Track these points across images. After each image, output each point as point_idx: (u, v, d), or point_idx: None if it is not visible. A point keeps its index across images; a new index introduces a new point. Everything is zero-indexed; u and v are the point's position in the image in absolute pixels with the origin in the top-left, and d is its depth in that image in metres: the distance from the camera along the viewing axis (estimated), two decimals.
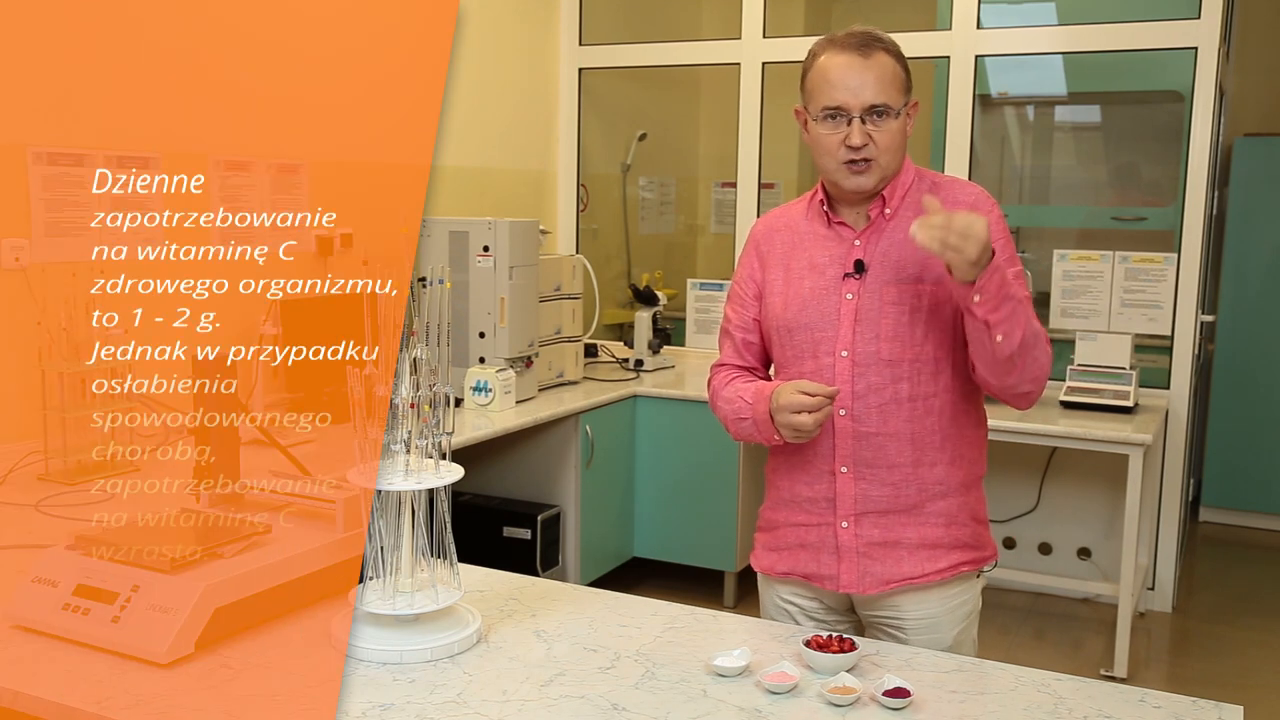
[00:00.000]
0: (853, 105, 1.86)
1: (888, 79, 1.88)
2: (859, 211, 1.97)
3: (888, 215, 1.94)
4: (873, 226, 1.95)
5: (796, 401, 1.84)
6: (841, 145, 1.88)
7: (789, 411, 1.85)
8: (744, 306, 2.08)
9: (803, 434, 1.87)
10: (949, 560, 1.96)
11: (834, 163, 1.91)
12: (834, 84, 1.88)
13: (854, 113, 1.86)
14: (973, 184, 2.01)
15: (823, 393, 1.84)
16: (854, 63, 1.87)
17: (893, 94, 1.88)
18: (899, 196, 1.95)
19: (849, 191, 1.93)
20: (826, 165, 1.93)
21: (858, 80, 1.86)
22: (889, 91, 1.88)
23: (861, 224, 1.96)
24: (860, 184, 1.90)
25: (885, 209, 1.94)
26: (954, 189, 1.97)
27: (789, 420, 1.85)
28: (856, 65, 1.87)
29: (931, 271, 1.89)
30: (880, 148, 1.88)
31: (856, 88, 1.86)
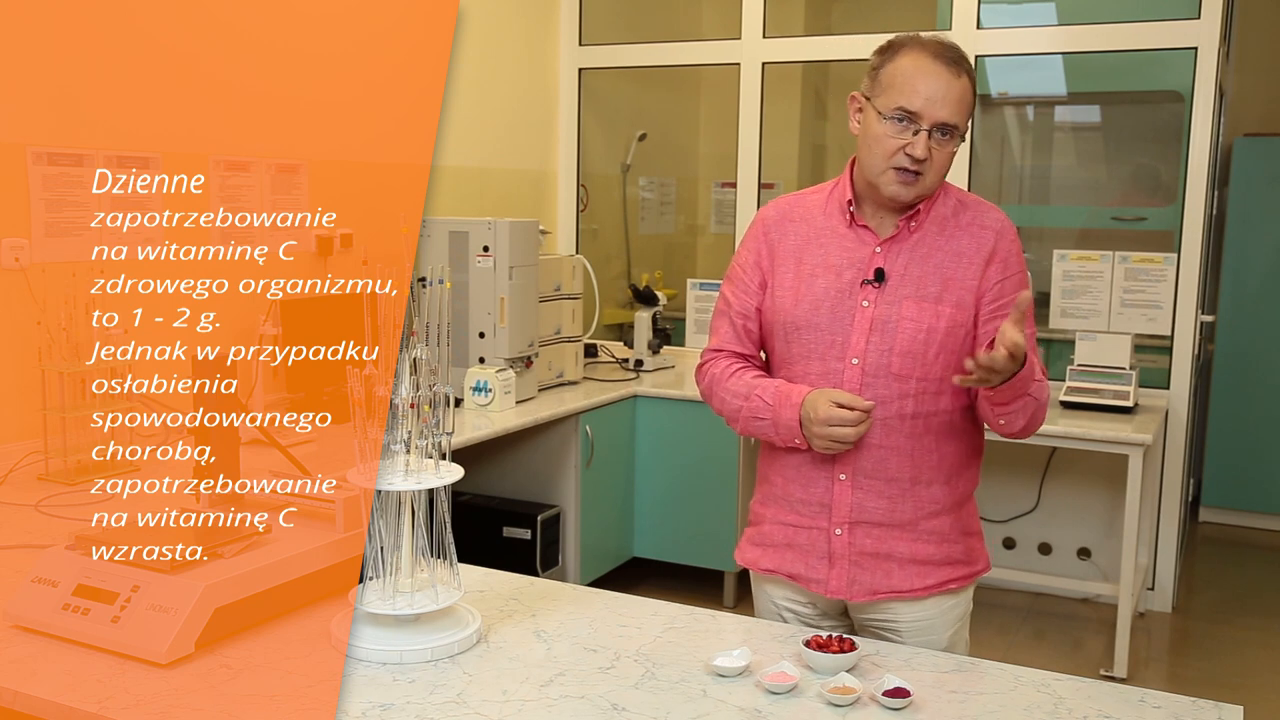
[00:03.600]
0: (927, 115, 1.83)
1: (966, 102, 1.87)
2: (885, 218, 1.94)
3: (913, 228, 1.93)
4: (897, 236, 1.93)
5: (837, 415, 1.83)
6: (901, 151, 1.85)
7: (827, 424, 1.84)
8: (746, 293, 2.03)
9: (838, 446, 1.87)
10: (938, 577, 1.96)
11: (884, 164, 1.87)
12: (916, 88, 1.84)
13: (925, 124, 1.84)
14: (995, 208, 2.00)
15: (860, 407, 1.83)
16: (943, 74, 1.84)
17: (963, 117, 1.87)
18: (926, 211, 1.93)
19: (885, 198, 1.90)
20: (874, 165, 1.88)
21: (942, 93, 1.83)
22: (962, 114, 1.87)
23: (886, 231, 1.93)
24: (901, 194, 1.88)
25: (913, 221, 1.93)
26: (980, 212, 1.97)
27: (827, 433, 1.84)
28: (945, 78, 1.84)
29: (952, 294, 1.89)
30: (934, 165, 1.86)
31: (939, 100, 1.83)
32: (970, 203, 1.98)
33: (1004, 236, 1.94)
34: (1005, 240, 1.94)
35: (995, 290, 1.91)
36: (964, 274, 1.90)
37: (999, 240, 1.93)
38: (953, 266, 1.91)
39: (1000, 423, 1.88)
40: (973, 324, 1.91)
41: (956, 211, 1.95)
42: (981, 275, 1.91)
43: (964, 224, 1.94)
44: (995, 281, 1.91)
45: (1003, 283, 1.91)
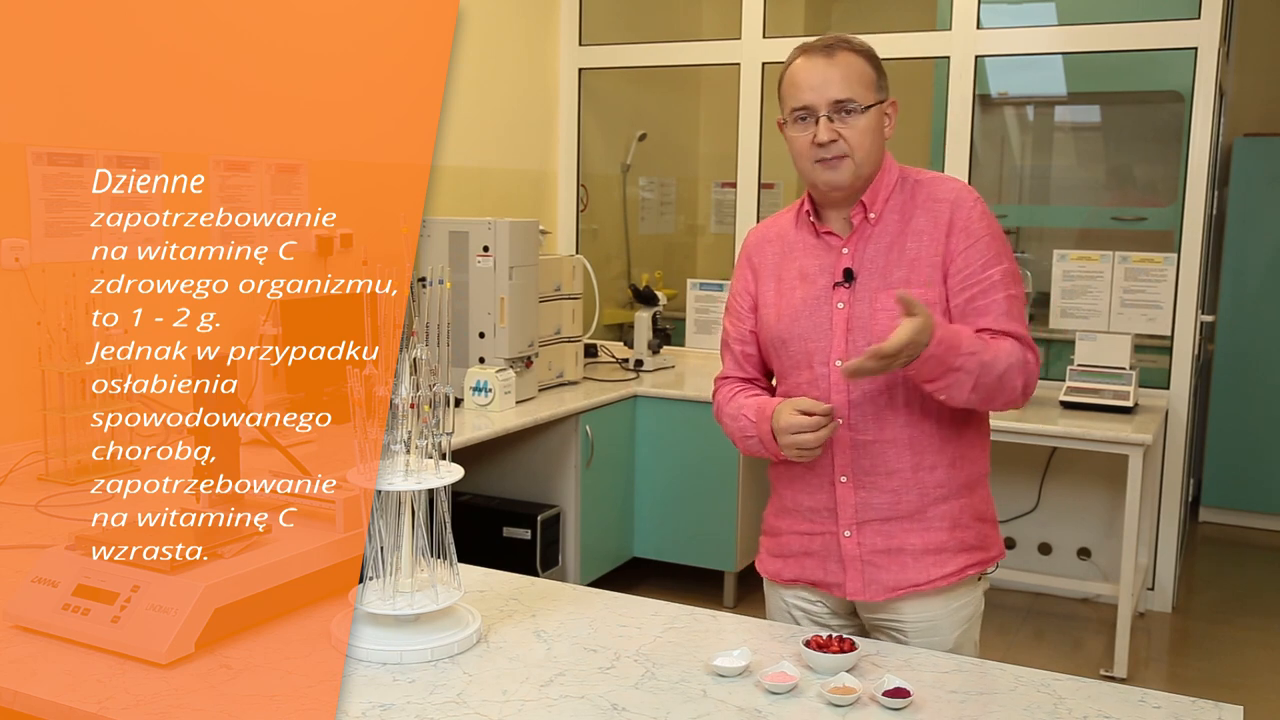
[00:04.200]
0: (818, 103, 1.88)
1: (854, 76, 1.89)
2: (844, 218, 1.96)
3: (872, 220, 1.93)
4: (858, 233, 1.94)
5: (796, 423, 1.85)
6: (811, 144, 1.89)
7: (789, 433, 1.86)
8: (740, 319, 2.08)
9: (807, 453, 1.87)
10: (955, 564, 1.95)
11: (807, 163, 1.91)
12: (799, 85, 1.90)
13: (820, 110, 1.88)
14: (952, 179, 1.99)
15: (819, 411, 1.84)
16: (818, 63, 1.89)
17: (858, 90, 1.88)
18: (882, 200, 1.94)
19: (825, 189, 1.92)
20: (803, 168, 1.94)
21: (821, 78, 1.88)
22: (854, 87, 1.88)
23: (848, 231, 1.95)
24: (832, 179, 1.90)
25: (869, 214, 1.93)
26: (934, 186, 1.96)
27: (791, 441, 1.86)
28: (820, 65, 1.89)
29: (920, 275, 1.90)
30: (851, 144, 1.88)
31: (820, 85, 1.88)
32: (926, 180, 1.97)
33: (960, 205, 1.92)
34: (963, 209, 1.91)
35: (960, 260, 1.89)
36: (926, 251, 1.90)
37: (955, 210, 1.91)
38: (915, 247, 1.91)
39: (941, 398, 1.85)
40: (945, 300, 1.90)
41: (914, 192, 1.95)
42: (944, 248, 1.90)
43: (920, 202, 1.94)
44: (959, 251, 1.89)
45: (968, 250, 1.89)
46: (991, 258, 1.90)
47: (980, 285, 1.89)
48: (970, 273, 1.89)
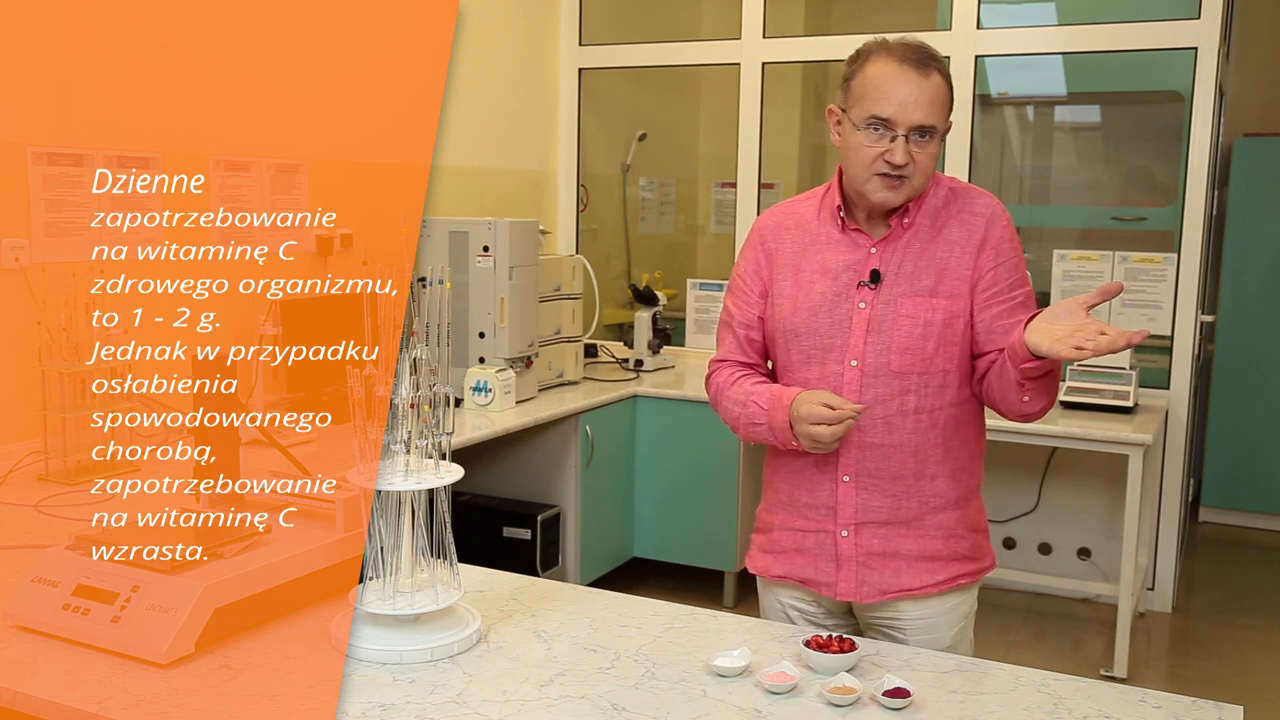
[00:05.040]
0: (901, 122, 1.82)
1: (940, 100, 1.84)
2: (877, 220, 1.94)
3: (906, 225, 1.93)
4: (890, 236, 1.93)
5: (817, 414, 1.83)
6: (880, 159, 1.84)
7: (808, 422, 1.85)
8: (748, 303, 2.04)
9: (820, 446, 1.87)
10: (947, 573, 1.96)
11: (867, 173, 1.86)
12: (887, 95, 1.82)
13: (900, 130, 1.82)
14: (988, 194, 1.98)
15: (847, 408, 1.83)
16: (910, 78, 1.82)
17: (940, 116, 1.85)
18: (919, 208, 1.93)
19: (874, 204, 1.90)
20: (858, 174, 1.88)
21: (912, 97, 1.82)
22: (938, 114, 1.85)
23: (879, 232, 1.94)
24: (889, 199, 1.88)
25: (905, 219, 1.92)
26: (970, 199, 1.95)
27: (807, 430, 1.85)
28: (912, 81, 1.82)
29: (946, 285, 1.89)
30: (918, 167, 1.85)
31: (909, 104, 1.81)
32: (961, 190, 1.97)
33: (995, 222, 1.92)
34: (997, 226, 1.92)
35: (989, 277, 1.90)
36: (957, 263, 1.90)
37: (990, 226, 1.92)
38: (945, 257, 1.91)
39: (1024, 399, 1.84)
40: (969, 313, 1.90)
41: (948, 201, 1.94)
42: (974, 263, 1.90)
43: (954, 212, 1.93)
44: (988, 268, 1.90)
45: (996, 269, 1.91)
46: (1019, 279, 1.92)
47: (1006, 304, 1.90)
48: (998, 290, 1.90)
